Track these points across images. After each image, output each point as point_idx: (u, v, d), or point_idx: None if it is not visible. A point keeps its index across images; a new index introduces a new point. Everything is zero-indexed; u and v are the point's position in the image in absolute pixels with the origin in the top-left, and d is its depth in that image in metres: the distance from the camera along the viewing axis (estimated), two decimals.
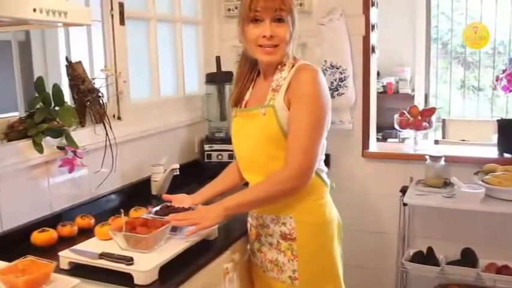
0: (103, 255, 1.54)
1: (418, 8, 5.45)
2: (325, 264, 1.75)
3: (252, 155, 1.73)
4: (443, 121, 4.67)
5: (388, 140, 4.87)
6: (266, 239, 1.77)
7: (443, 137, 4.59)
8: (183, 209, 1.77)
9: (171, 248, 1.61)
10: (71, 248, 1.62)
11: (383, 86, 5.32)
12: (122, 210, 1.64)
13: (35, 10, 1.15)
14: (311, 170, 1.62)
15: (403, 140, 4.35)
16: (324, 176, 1.76)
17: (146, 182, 2.40)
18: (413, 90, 5.45)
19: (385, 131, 4.84)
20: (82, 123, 2.12)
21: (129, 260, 1.49)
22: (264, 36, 1.62)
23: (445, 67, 5.81)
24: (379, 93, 5.25)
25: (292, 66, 1.68)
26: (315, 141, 1.62)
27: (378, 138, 4.97)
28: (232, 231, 1.91)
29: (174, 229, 1.69)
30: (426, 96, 5.56)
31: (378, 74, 5.33)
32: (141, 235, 1.56)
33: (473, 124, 4.60)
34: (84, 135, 2.06)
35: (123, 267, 1.49)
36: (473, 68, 5.75)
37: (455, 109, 5.79)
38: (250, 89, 1.81)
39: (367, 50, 2.80)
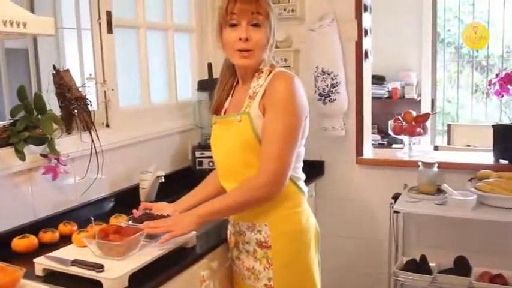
0: (75, 262, 1.55)
1: (424, 12, 5.40)
2: (301, 273, 1.73)
3: (228, 162, 1.74)
4: (449, 126, 4.62)
5: (394, 145, 4.84)
6: (244, 246, 1.77)
7: (449, 143, 4.54)
8: (161, 217, 1.78)
9: (145, 255, 1.61)
10: (47, 254, 1.63)
11: (388, 91, 5.28)
12: (92, 218, 1.65)
13: None
14: (284, 177, 1.61)
15: None
16: (301, 183, 1.75)
17: (135, 189, 2.40)
18: (419, 95, 5.40)
19: (391, 136, 4.80)
20: (68, 131, 2.14)
21: (99, 267, 1.50)
22: (240, 39, 1.63)
23: (457, 71, 5.75)
24: (384, 98, 5.25)
25: (269, 74, 1.68)
26: (289, 148, 1.61)
27: (383, 144, 4.97)
28: (211, 238, 1.91)
29: (151, 237, 1.69)
30: (433, 102, 5.50)
31: (384, 79, 5.31)
32: (113, 242, 1.57)
33: (479, 129, 4.53)
34: (70, 143, 2.09)
35: (93, 274, 1.49)
36: (487, 71, 5.69)
37: (467, 114, 5.73)
38: (230, 97, 1.82)
39: (360, 55, 2.79)
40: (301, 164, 1.77)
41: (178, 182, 2.53)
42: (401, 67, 5.32)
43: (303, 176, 1.78)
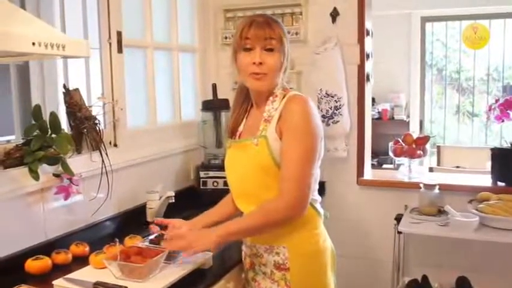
0: (98, 285, 1.54)
1: (412, 35, 5.54)
2: None
3: (244, 184, 1.75)
4: (438, 148, 4.71)
5: (384, 165, 4.91)
6: (260, 268, 1.77)
7: (438, 164, 4.62)
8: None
9: (166, 277, 1.61)
10: (65, 276, 1.62)
11: (378, 113, 5.38)
12: (117, 240, 1.65)
13: (34, 44, 1.18)
14: (305, 200, 1.63)
15: (398, 166, 4.38)
16: (318, 206, 1.77)
17: (142, 209, 2.39)
18: (408, 116, 5.50)
19: (381, 157, 4.88)
20: (78, 150, 2.13)
21: None
22: (254, 63, 1.65)
23: (441, 93, 5.89)
24: (374, 119, 5.33)
25: (284, 97, 1.71)
26: (308, 170, 1.63)
27: (373, 164, 5.03)
28: (227, 260, 1.91)
29: (169, 258, 1.69)
30: (421, 123, 5.61)
31: (374, 100, 5.40)
32: (136, 264, 1.57)
33: (468, 151, 4.64)
34: (80, 162, 2.07)
35: None
36: (468, 93, 5.83)
37: (452, 135, 5.86)
38: (244, 120, 1.84)
39: (362, 78, 2.84)
40: (317, 186, 1.79)
41: (183, 202, 2.53)
42: (390, 89, 5.43)
43: (319, 198, 1.79)
